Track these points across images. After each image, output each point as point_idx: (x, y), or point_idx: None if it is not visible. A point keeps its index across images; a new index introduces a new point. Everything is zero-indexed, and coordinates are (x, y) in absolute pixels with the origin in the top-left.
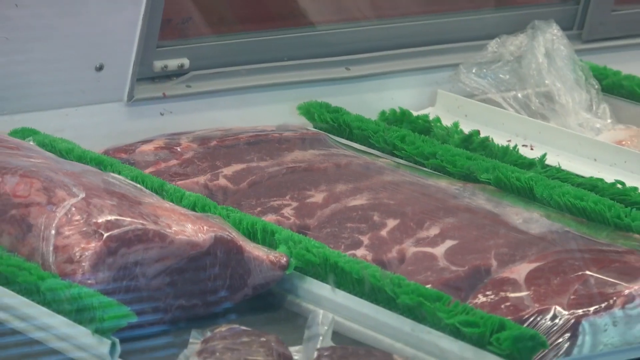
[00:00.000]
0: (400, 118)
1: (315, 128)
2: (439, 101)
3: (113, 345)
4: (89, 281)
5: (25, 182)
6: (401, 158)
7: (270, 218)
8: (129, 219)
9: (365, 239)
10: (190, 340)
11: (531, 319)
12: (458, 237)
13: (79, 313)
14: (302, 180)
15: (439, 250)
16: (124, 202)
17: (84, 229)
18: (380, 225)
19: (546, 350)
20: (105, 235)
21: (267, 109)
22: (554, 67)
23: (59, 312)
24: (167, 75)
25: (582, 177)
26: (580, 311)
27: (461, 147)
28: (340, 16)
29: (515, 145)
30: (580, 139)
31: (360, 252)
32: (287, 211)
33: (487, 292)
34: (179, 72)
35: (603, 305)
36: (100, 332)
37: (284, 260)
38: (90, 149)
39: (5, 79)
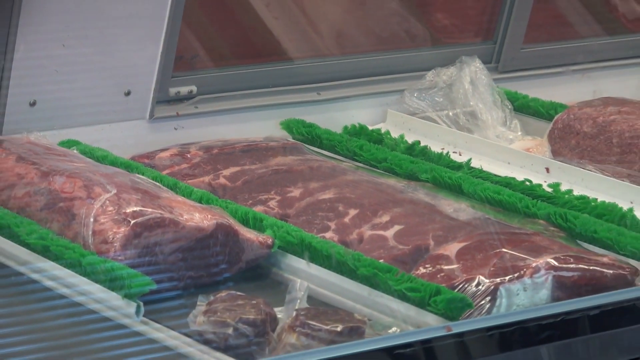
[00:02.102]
0: (359, 131)
1: (294, 139)
2: (389, 118)
3: (138, 307)
4: (119, 257)
5: (70, 181)
6: (360, 162)
7: (259, 208)
8: (150, 210)
9: (332, 225)
10: (198, 302)
11: (460, 286)
12: (404, 223)
13: (111, 282)
14: (284, 179)
15: (389, 233)
16: (146, 197)
17: (116, 217)
18: (344, 214)
19: (472, 310)
20: (132, 222)
21: (257, 124)
22: (477, 92)
23: (96, 281)
24: (180, 99)
25: (499, 176)
26: (498, 280)
27: (406, 154)
28: (312, 53)
29: (448, 152)
30: (497, 147)
31: (328, 234)
32: (272, 203)
33: (427, 266)
34: (189, 97)
35: (516, 275)
36: (128, 296)
37: (269, 241)
38: (120, 156)
39: (56, 102)
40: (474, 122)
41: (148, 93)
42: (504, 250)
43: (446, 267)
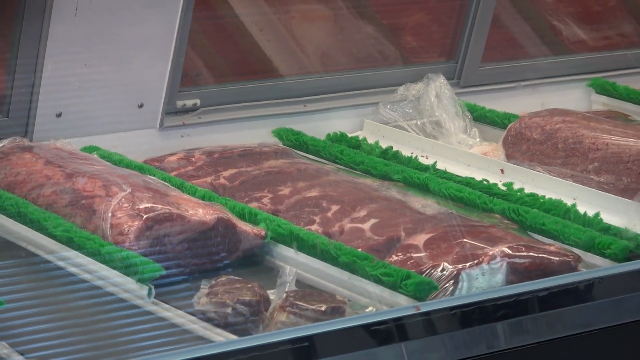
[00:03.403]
0: (340, 138)
1: (284, 145)
2: (365, 127)
3: (150, 290)
4: (133, 247)
5: (91, 181)
6: (341, 164)
7: (254, 205)
8: (160, 206)
9: (317, 219)
10: (201, 286)
11: (427, 271)
12: (378, 217)
13: (126, 268)
14: (275, 179)
15: (366, 226)
16: (157, 195)
17: (130, 212)
18: (327, 209)
19: (437, 292)
20: (145, 216)
21: (252, 132)
22: (441, 104)
23: (113, 267)
24: (185, 111)
25: (460, 176)
26: (460, 266)
27: (380, 158)
28: (299, 71)
29: (416, 156)
30: (459, 152)
31: (314, 227)
32: (265, 200)
33: (398, 254)
34: (193, 109)
35: (475, 262)
36: (141, 281)
37: (263, 232)
38: (134, 159)
39: (79, 113)
40: (438, 130)
41: (158, 105)
42: (465, 240)
43: (415, 255)
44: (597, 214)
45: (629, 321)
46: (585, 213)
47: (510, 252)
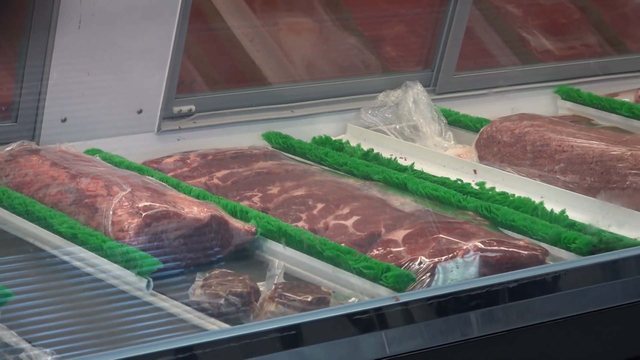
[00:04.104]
0: (324, 141)
1: (273, 148)
2: (349, 131)
3: (148, 282)
4: (133, 243)
5: (94, 182)
6: (325, 166)
7: (245, 203)
8: (158, 204)
9: (303, 216)
10: (196, 278)
11: (406, 264)
12: (360, 214)
13: (126, 262)
14: (265, 180)
15: (349, 222)
16: (155, 194)
17: (130, 210)
18: (312, 207)
19: (415, 283)
20: (143, 214)
21: (243, 136)
22: (418, 109)
23: (114, 262)
24: (181, 116)
25: (436, 176)
26: (436, 259)
27: (362, 159)
28: (287, 79)
29: (395, 157)
30: (435, 154)
31: (300, 224)
32: (255, 199)
33: (379, 248)
34: (189, 114)
35: (450, 255)
36: (140, 274)
37: (253, 229)
38: (134, 161)
39: (82, 119)
40: (416, 134)
41: (156, 111)
42: (440, 235)
43: (394, 250)
44: (563, 211)
45: (592, 310)
46: (552, 210)
47: (482, 246)
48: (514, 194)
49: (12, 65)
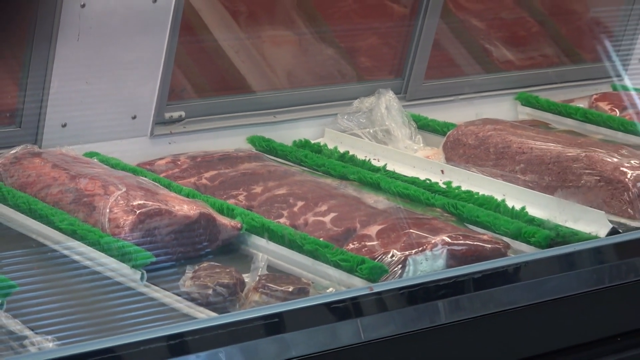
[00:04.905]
0: (304, 144)
1: (257, 150)
2: (326, 135)
3: (142, 274)
4: (128, 238)
5: (92, 182)
6: (305, 167)
7: (231, 201)
8: (151, 202)
9: (285, 213)
10: (187, 271)
11: (379, 257)
12: (337, 211)
13: (122, 256)
14: (249, 180)
15: (327, 219)
16: (148, 193)
17: (125, 208)
18: (293, 205)
19: (388, 275)
20: (138, 211)
21: (229, 140)
22: (390, 115)
23: (111, 255)
24: (172, 121)
25: (407, 176)
26: (407, 252)
27: (338, 161)
28: (269, 87)
29: (369, 159)
30: (405, 155)
31: (282, 220)
32: (240, 197)
33: (355, 242)
34: (179, 119)
35: (420, 249)
36: (135, 267)
37: (239, 225)
38: (128, 163)
39: (81, 124)
40: (388, 137)
41: (149, 117)
42: (411, 230)
43: (369, 244)
44: (523, 208)
45: (550, 299)
46: (513, 207)
47: (449, 240)
48: (478, 192)
49: (16, 75)
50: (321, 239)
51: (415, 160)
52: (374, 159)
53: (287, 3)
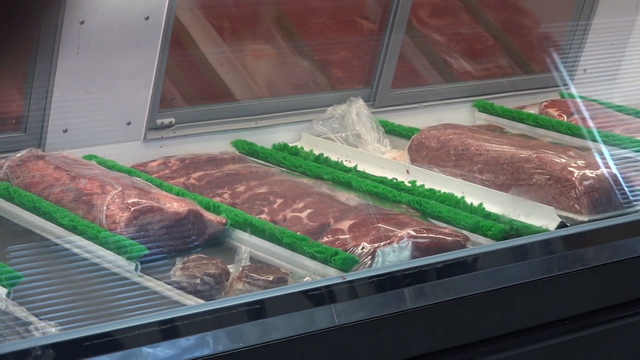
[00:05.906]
0: (283, 147)
1: (240, 153)
2: (303, 139)
3: (136, 265)
4: (123, 233)
5: (90, 182)
6: (284, 168)
7: (217, 199)
8: (144, 200)
9: (266, 209)
10: (177, 262)
11: (351, 249)
12: (313, 208)
13: (118, 249)
14: (233, 180)
15: (304, 215)
16: (142, 192)
17: (121, 206)
18: (273, 202)
19: (359, 265)
20: (132, 209)
21: (215, 143)
22: (360, 120)
23: (108, 248)
24: (164, 127)
25: (375, 176)
26: (376, 245)
27: (314, 162)
28: (251, 96)
29: (342, 160)
30: (374, 157)
31: (263, 216)
32: (225, 196)
33: (328, 236)
34: (170, 125)
35: (387, 241)
36: (129, 259)
37: (224, 221)
38: (124, 165)
39: (81, 130)
40: (359, 141)
41: (142, 123)
42: (379, 225)
43: (341, 237)
44: (481, 204)
45: (505, 286)
46: (471, 203)
47: (414, 233)
48: (440, 190)
49: (21, 85)
50: (298, 233)
51: (383, 161)
52: (346, 161)
53: (267, 20)
